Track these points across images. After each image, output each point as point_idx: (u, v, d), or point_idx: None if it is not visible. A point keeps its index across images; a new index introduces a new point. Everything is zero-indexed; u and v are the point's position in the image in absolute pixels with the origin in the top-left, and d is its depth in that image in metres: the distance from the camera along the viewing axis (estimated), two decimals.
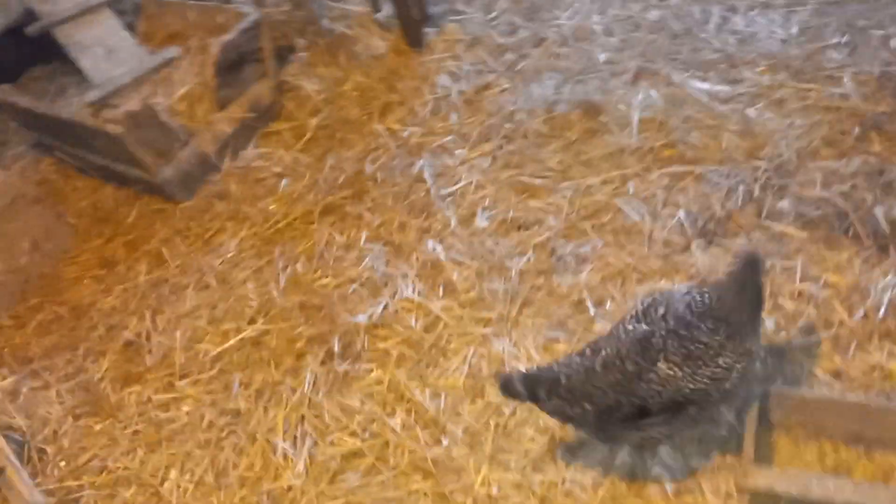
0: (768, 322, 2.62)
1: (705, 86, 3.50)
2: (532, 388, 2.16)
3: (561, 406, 2.15)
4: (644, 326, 2.09)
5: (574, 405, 2.13)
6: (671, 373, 2.02)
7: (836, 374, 2.47)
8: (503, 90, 3.89)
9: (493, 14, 4.37)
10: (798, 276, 2.73)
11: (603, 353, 2.12)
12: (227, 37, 3.78)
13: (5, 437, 2.84)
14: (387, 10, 4.33)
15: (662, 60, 3.68)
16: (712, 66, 3.58)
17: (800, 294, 2.69)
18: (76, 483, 2.81)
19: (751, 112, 3.31)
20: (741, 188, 3.04)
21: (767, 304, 2.60)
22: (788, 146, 3.12)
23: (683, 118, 3.38)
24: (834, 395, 2.39)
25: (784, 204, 2.95)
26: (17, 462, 2.61)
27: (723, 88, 3.46)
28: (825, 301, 2.66)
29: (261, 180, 3.89)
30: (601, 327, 2.78)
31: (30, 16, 4.31)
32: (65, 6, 4.04)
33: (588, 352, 2.17)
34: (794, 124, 3.21)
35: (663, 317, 2.08)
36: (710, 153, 3.20)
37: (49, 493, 2.76)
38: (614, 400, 2.08)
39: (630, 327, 2.12)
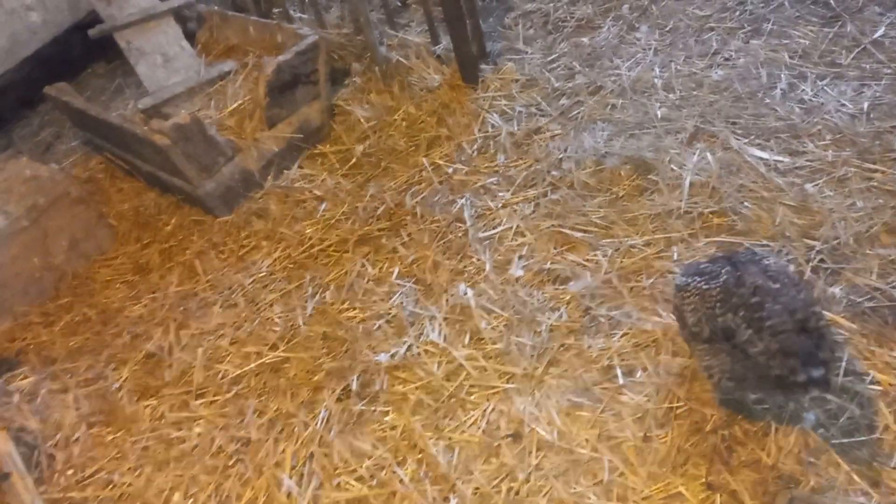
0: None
1: (764, 154, 3.34)
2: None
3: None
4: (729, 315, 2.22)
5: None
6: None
7: (874, 484, 2.31)
8: (554, 135, 3.80)
9: (553, 56, 4.27)
10: (842, 369, 2.57)
11: (769, 319, 2.15)
12: (283, 57, 3.78)
13: (17, 438, 2.85)
14: (445, 44, 4.28)
15: (722, 123, 3.54)
16: (773, 134, 3.42)
17: (843, 390, 2.53)
18: (80, 495, 2.79)
19: (809, 187, 3.15)
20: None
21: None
22: (846, 229, 2.95)
23: (737, 186, 3.24)
24: None
25: (835, 290, 2.79)
26: (23, 468, 2.60)
27: (782, 159, 3.30)
28: (870, 401, 2.49)
29: (301, 202, 3.88)
30: (628, 399, 2.67)
31: (98, 14, 4.40)
32: (129, 11, 4.10)
33: (771, 321, 2.16)
34: (854, 206, 3.04)
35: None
36: (762, 226, 3.05)
37: (52, 502, 2.75)
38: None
39: (729, 315, 2.22)
